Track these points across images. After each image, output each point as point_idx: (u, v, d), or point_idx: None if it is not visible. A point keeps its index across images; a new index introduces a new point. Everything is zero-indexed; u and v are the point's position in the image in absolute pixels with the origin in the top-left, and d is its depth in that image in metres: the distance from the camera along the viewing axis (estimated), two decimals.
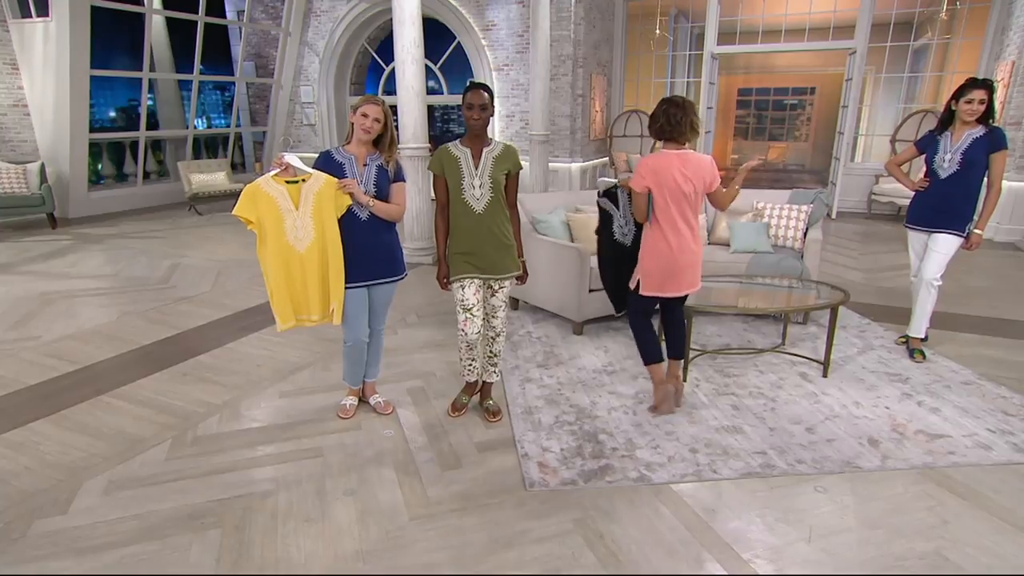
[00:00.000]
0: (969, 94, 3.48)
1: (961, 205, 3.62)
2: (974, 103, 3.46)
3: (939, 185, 3.66)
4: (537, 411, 3.25)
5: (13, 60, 8.35)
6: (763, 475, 2.68)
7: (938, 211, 3.69)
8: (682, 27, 11.19)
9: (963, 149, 3.54)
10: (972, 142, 3.52)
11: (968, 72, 8.58)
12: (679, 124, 2.86)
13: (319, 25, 10.92)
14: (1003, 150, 3.50)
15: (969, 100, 3.48)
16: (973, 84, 3.50)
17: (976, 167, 3.53)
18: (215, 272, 5.96)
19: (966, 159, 3.53)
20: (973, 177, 3.57)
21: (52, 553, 2.21)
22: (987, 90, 3.47)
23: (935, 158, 3.66)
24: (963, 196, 3.61)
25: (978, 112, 3.47)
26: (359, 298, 3.01)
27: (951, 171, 3.59)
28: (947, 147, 3.61)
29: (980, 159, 3.51)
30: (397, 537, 2.30)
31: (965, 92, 3.50)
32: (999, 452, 2.81)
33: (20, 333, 4.37)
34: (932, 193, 3.71)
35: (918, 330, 3.87)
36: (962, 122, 3.55)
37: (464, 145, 2.89)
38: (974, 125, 3.54)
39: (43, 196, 7.90)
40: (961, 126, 3.57)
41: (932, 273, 3.73)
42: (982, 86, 3.47)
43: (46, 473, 2.69)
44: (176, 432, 3.04)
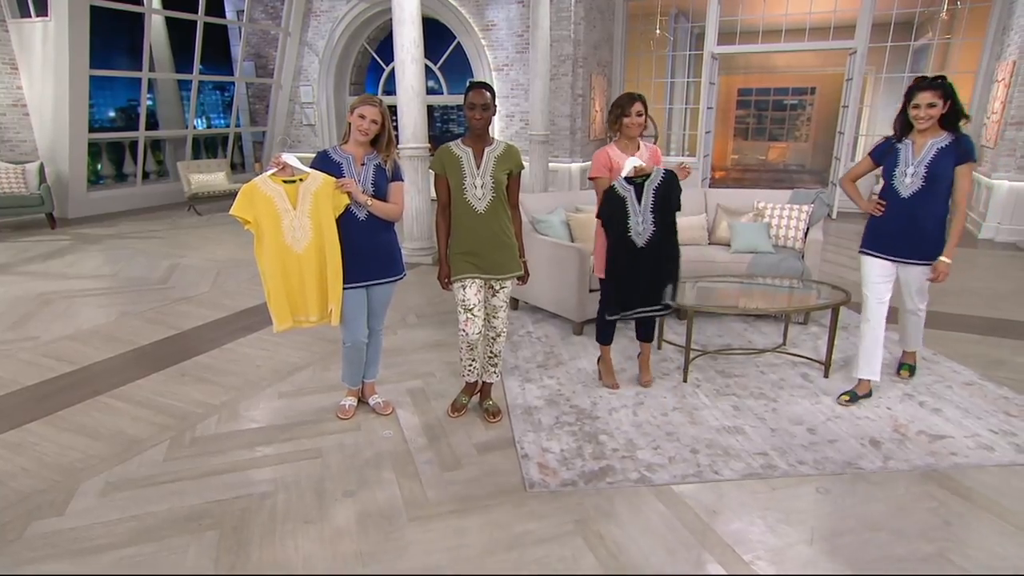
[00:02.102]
0: (915, 98, 2.88)
1: (933, 229, 3.04)
2: (921, 108, 2.86)
3: (902, 206, 3.03)
4: (537, 412, 3.23)
5: (12, 60, 8.33)
6: (764, 476, 2.66)
7: (906, 237, 3.08)
8: (682, 27, 11.19)
9: (927, 161, 2.93)
10: (937, 153, 2.92)
11: (969, 72, 8.59)
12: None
13: (319, 25, 10.91)
14: (969, 162, 2.93)
15: (916, 105, 2.88)
16: (919, 85, 2.88)
17: (943, 182, 2.95)
18: (214, 272, 5.95)
19: (931, 173, 2.93)
20: (941, 194, 2.98)
21: (49, 555, 2.20)
22: (938, 91, 2.84)
23: (895, 172, 3.03)
24: (933, 217, 3.02)
25: (929, 118, 2.86)
26: (357, 298, 2.99)
27: (914, 188, 2.97)
28: (908, 159, 2.98)
29: (947, 173, 2.93)
30: (396, 538, 2.29)
31: (911, 95, 2.91)
32: (1001, 453, 2.80)
33: (18, 333, 4.35)
34: (895, 215, 3.08)
35: (916, 344, 3.52)
36: (918, 130, 2.95)
37: (466, 144, 2.88)
38: (937, 132, 2.93)
39: (42, 196, 7.89)
40: (919, 134, 2.96)
41: (916, 303, 3.32)
42: (930, 87, 2.85)
43: (43, 474, 2.67)
44: (174, 433, 3.02)
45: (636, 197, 3.11)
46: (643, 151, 3.28)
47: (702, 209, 5.11)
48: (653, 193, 3.10)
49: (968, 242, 7.26)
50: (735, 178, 14.73)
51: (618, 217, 3.14)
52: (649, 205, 3.11)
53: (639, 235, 3.14)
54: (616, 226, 3.16)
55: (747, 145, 17.13)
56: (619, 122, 3.18)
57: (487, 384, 3.23)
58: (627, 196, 3.12)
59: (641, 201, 3.11)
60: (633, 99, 3.16)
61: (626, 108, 3.15)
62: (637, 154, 3.26)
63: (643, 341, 3.53)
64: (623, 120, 3.16)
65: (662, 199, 3.11)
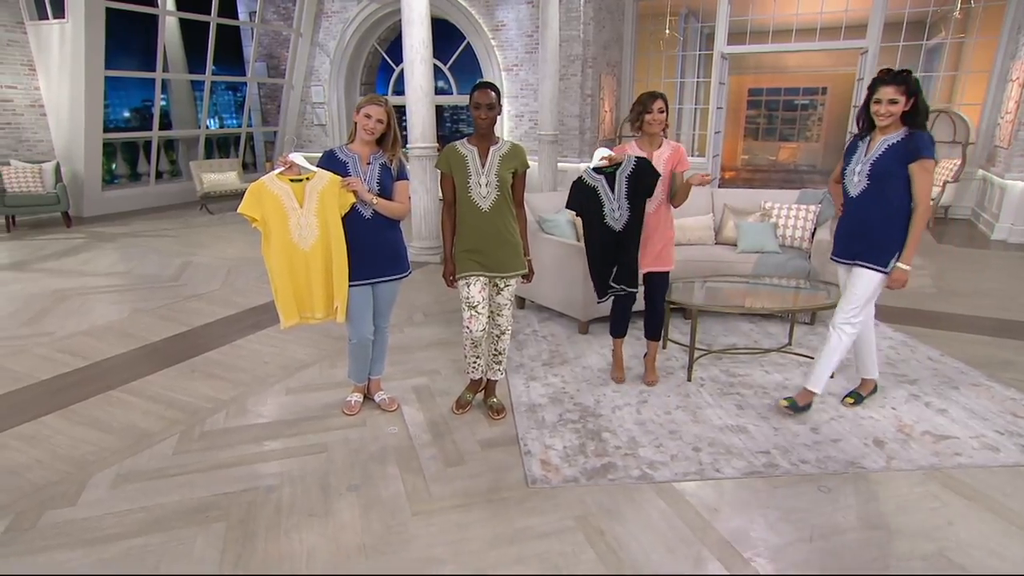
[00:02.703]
0: (877, 92, 2.72)
1: (879, 232, 2.83)
2: (883, 104, 2.69)
3: (851, 206, 2.92)
4: (541, 409, 3.25)
5: (30, 61, 8.48)
6: (766, 474, 2.67)
7: (853, 238, 2.93)
8: (692, 27, 11.15)
9: (874, 158, 2.77)
10: (887, 149, 2.75)
11: (983, 71, 8.49)
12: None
13: (330, 26, 11.00)
14: (923, 159, 2.69)
15: (877, 100, 2.71)
16: (882, 79, 2.72)
17: (891, 181, 2.75)
18: (225, 270, 6.03)
19: (875, 172, 2.77)
20: (889, 195, 2.77)
21: (61, 543, 2.25)
22: (902, 86, 2.67)
23: (846, 170, 2.92)
24: (880, 219, 2.82)
25: (890, 114, 2.70)
26: (363, 296, 3.03)
27: (861, 187, 2.83)
28: (860, 156, 2.84)
29: (894, 171, 2.73)
30: (399, 532, 2.32)
31: (874, 89, 2.74)
32: (1007, 454, 2.79)
33: (34, 329, 4.44)
34: (846, 216, 2.97)
35: (816, 383, 3.10)
36: (880, 127, 2.78)
37: (471, 144, 2.91)
38: (896, 127, 2.76)
39: (58, 195, 8.02)
40: (880, 131, 2.80)
41: (842, 316, 2.98)
42: (893, 81, 2.68)
43: (56, 466, 2.74)
44: (184, 427, 3.08)
45: (608, 185, 3.20)
46: (665, 148, 3.27)
47: (709, 209, 5.11)
48: (626, 180, 3.17)
49: (981, 243, 7.20)
50: (745, 178, 14.66)
51: (592, 206, 3.24)
52: (623, 192, 3.18)
53: (616, 220, 3.22)
54: (592, 215, 3.25)
55: (757, 145, 17.03)
56: (640, 119, 3.20)
57: (491, 382, 3.26)
58: (597, 185, 3.21)
59: (614, 189, 3.19)
60: (655, 97, 3.18)
61: (648, 105, 3.17)
62: (657, 152, 3.25)
63: (650, 339, 3.55)
64: (645, 117, 3.18)
65: (635, 185, 3.17)
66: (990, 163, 8.08)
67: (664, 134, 3.29)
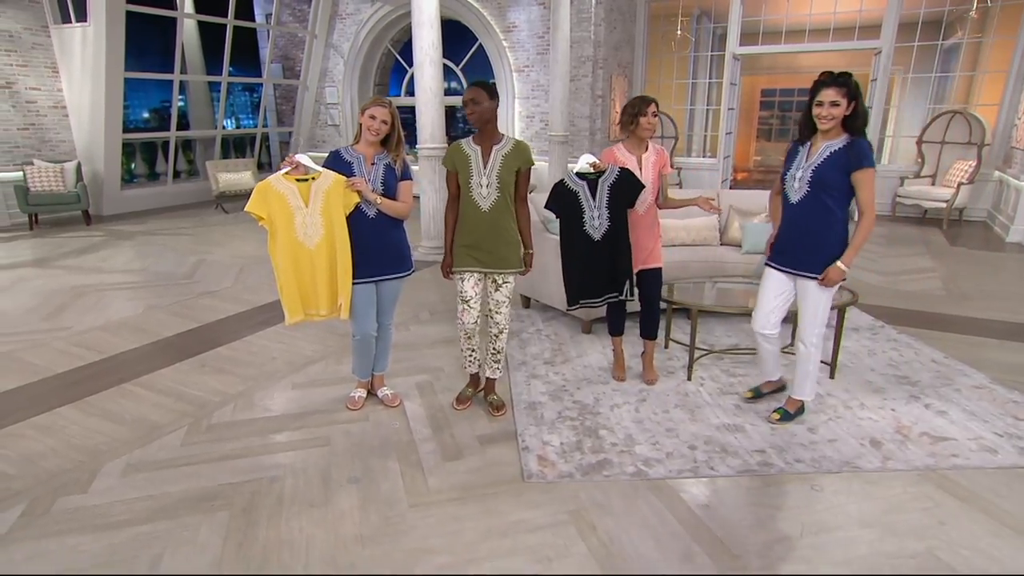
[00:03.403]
0: (819, 94, 2.63)
1: (822, 240, 2.75)
2: (824, 106, 2.61)
3: (791, 212, 2.82)
4: (540, 406, 3.30)
5: (53, 64, 8.69)
6: (760, 473, 2.69)
7: (796, 248, 2.83)
8: (704, 28, 11.12)
9: (815, 165, 2.69)
10: (828, 156, 2.67)
11: (1001, 71, 8.39)
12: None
13: (344, 27, 11.14)
14: (865, 168, 2.61)
15: (819, 102, 2.63)
16: (824, 81, 2.64)
17: (832, 190, 2.68)
18: (238, 268, 6.16)
19: (816, 179, 2.68)
20: (831, 203, 2.70)
21: (73, 528, 2.34)
22: (843, 89, 2.59)
23: (787, 176, 2.83)
24: (821, 227, 2.74)
25: (832, 118, 2.61)
26: (367, 293, 3.10)
27: (801, 194, 2.74)
28: (801, 161, 2.76)
29: (836, 180, 2.66)
30: (396, 523, 2.38)
31: (815, 91, 2.66)
32: (1005, 456, 2.78)
33: (52, 324, 4.58)
34: (787, 223, 2.87)
35: (803, 392, 3.05)
36: (821, 131, 2.69)
37: (476, 143, 2.98)
38: (837, 133, 2.67)
39: (78, 194, 8.22)
40: (821, 135, 2.71)
41: (809, 333, 2.92)
42: (834, 84, 2.60)
43: (70, 455, 2.84)
44: (192, 419, 3.17)
45: (590, 192, 3.21)
46: (651, 152, 3.35)
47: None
48: (608, 189, 3.19)
49: (996, 246, 7.11)
50: (757, 179, 14.57)
51: (572, 211, 3.25)
52: (604, 200, 3.20)
53: (595, 229, 3.24)
54: (571, 220, 3.26)
55: (770, 146, 16.89)
56: (635, 122, 3.24)
57: (490, 380, 3.32)
58: (579, 191, 3.23)
59: (595, 196, 3.21)
60: (647, 101, 3.23)
61: (642, 108, 3.21)
62: (645, 155, 3.33)
63: (645, 338, 3.58)
64: (639, 120, 3.22)
65: (616, 195, 3.19)
66: (1006, 164, 7.97)
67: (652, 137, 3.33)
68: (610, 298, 3.35)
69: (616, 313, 3.50)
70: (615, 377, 3.61)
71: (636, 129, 3.26)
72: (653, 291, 3.46)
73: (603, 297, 3.36)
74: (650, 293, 3.46)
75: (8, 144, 8.30)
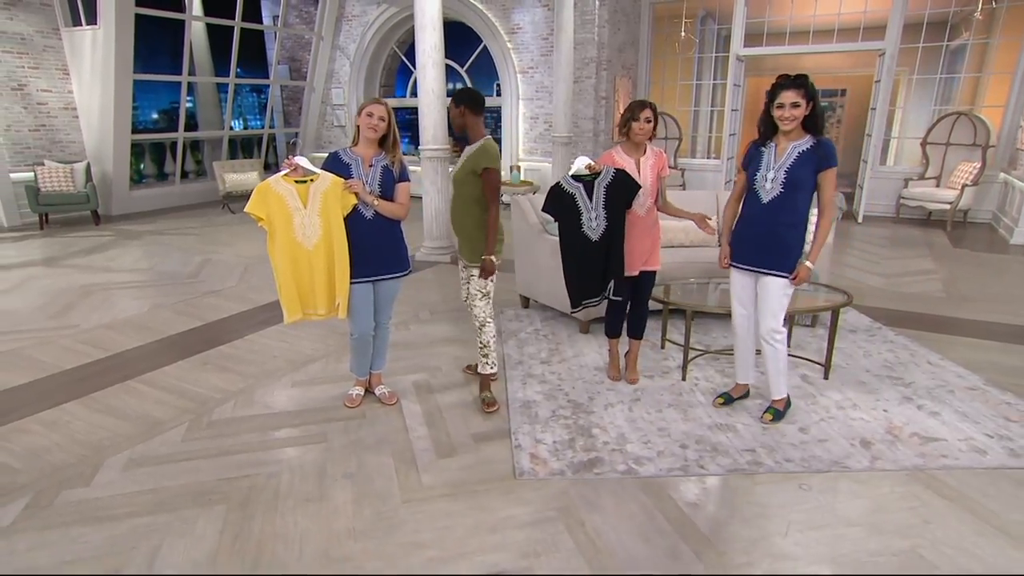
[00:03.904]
0: (779, 97, 2.74)
1: (790, 238, 2.88)
2: (785, 108, 2.71)
3: (762, 211, 2.89)
4: (535, 405, 3.35)
5: (64, 66, 8.83)
6: (749, 472, 2.72)
7: (763, 246, 2.92)
8: (709, 29, 11.12)
9: (787, 166, 2.79)
10: (797, 157, 2.78)
11: (1007, 73, 8.34)
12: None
13: (350, 29, 11.23)
14: (831, 168, 2.76)
15: (780, 104, 2.73)
16: (783, 84, 2.73)
17: (803, 189, 2.80)
18: (242, 268, 6.24)
19: (790, 179, 2.78)
20: (800, 202, 2.83)
21: (75, 520, 2.41)
22: (802, 90, 2.69)
23: (756, 176, 2.90)
24: (787, 225, 2.86)
25: (793, 118, 2.72)
26: (364, 293, 3.16)
27: (774, 193, 2.83)
28: (770, 162, 2.84)
29: (807, 179, 2.78)
30: (388, 518, 2.43)
31: (775, 94, 2.76)
32: (993, 456, 2.80)
33: (60, 322, 4.67)
34: (755, 221, 2.93)
35: (778, 391, 3.12)
36: (782, 132, 2.81)
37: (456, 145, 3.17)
38: (800, 134, 2.79)
39: (88, 194, 8.34)
40: (784, 136, 2.82)
41: (768, 326, 2.97)
42: (793, 85, 2.70)
43: (74, 449, 2.91)
44: (193, 416, 3.24)
45: (587, 194, 3.26)
46: (649, 155, 3.37)
47: (714, 211, 5.13)
48: (604, 190, 3.23)
49: (999, 248, 7.08)
50: None
51: (570, 213, 3.30)
52: (601, 202, 3.25)
53: (593, 230, 3.27)
54: (569, 222, 3.31)
55: None
56: (628, 126, 3.28)
57: (483, 376, 3.37)
58: (575, 193, 3.28)
59: (592, 198, 3.25)
60: (644, 105, 3.26)
61: (636, 113, 3.24)
62: (643, 158, 3.36)
63: (632, 338, 3.62)
64: (632, 125, 3.26)
65: (613, 196, 3.23)
66: (1011, 166, 7.94)
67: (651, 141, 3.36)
68: (604, 297, 3.39)
69: (615, 314, 3.54)
70: (610, 376, 3.65)
71: (630, 133, 3.29)
72: (645, 293, 3.49)
73: (600, 297, 3.40)
74: (642, 295, 3.49)
75: (20, 145, 8.44)
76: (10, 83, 8.28)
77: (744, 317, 3.15)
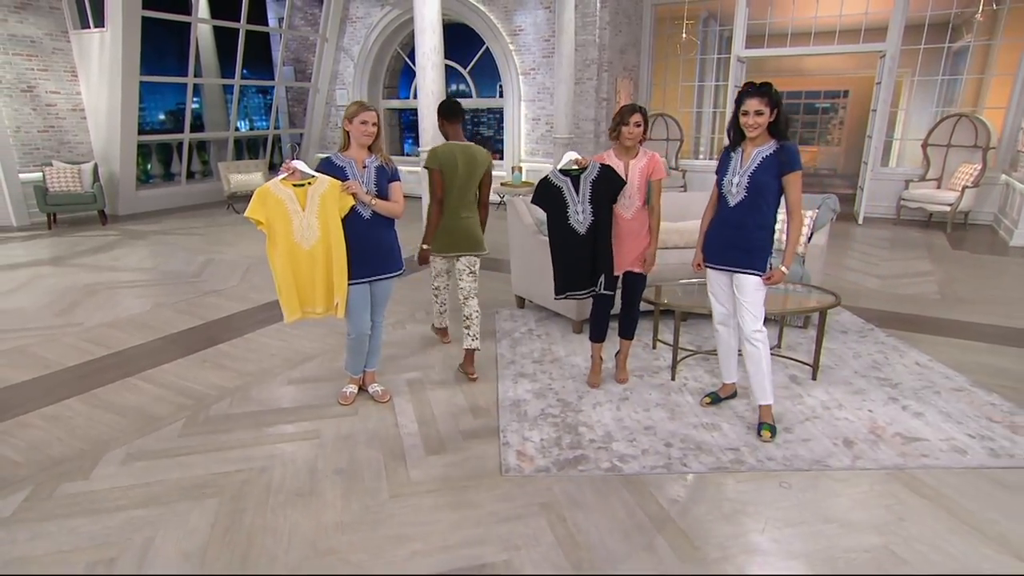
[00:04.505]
0: (744, 104, 2.82)
1: (758, 238, 2.95)
2: (750, 115, 2.79)
3: (729, 214, 2.99)
4: (524, 403, 3.41)
5: (73, 68, 8.96)
6: (731, 470, 2.77)
7: (732, 246, 3.00)
8: (712, 30, 11.14)
9: (750, 171, 2.88)
10: (761, 162, 2.86)
11: (1008, 74, 8.33)
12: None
13: (354, 31, 11.32)
14: (796, 171, 2.83)
15: (745, 112, 2.81)
16: (747, 92, 2.82)
17: (767, 193, 2.88)
18: (244, 267, 6.33)
19: (753, 183, 2.87)
20: (765, 204, 2.91)
21: (73, 512, 2.49)
22: (765, 98, 2.78)
23: (723, 181, 3.00)
24: (755, 227, 2.94)
25: (757, 125, 2.80)
26: (362, 293, 3.23)
27: (740, 197, 2.92)
28: (736, 167, 2.94)
29: (770, 183, 2.86)
30: (376, 512, 2.50)
31: (740, 102, 2.85)
32: (973, 456, 2.84)
33: (65, 320, 4.77)
34: (724, 224, 3.04)
35: (764, 395, 3.09)
36: (749, 138, 2.89)
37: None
38: (765, 140, 2.87)
39: (95, 194, 8.47)
40: (750, 142, 2.91)
41: (749, 326, 3.00)
42: (757, 93, 2.79)
43: (74, 444, 3.00)
44: (190, 412, 3.32)
45: (573, 188, 3.33)
46: (641, 158, 3.40)
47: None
48: (590, 185, 3.30)
49: (999, 250, 7.08)
50: None
51: (557, 206, 3.37)
52: (587, 196, 3.31)
53: (580, 223, 3.34)
54: (557, 215, 3.38)
55: None
56: (618, 130, 3.34)
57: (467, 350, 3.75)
58: (562, 186, 3.36)
59: (579, 192, 3.32)
60: (633, 110, 3.31)
61: (626, 118, 3.29)
62: (633, 161, 3.39)
63: (622, 338, 3.66)
64: (622, 129, 3.31)
65: (598, 190, 3.30)
66: (1013, 168, 7.92)
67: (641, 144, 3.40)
68: (591, 291, 3.44)
69: (599, 316, 3.56)
70: (590, 383, 3.62)
71: (620, 137, 3.34)
72: (635, 294, 3.53)
73: (586, 290, 3.46)
74: (632, 296, 3.53)
75: (29, 146, 8.58)
76: (20, 85, 8.42)
77: (723, 314, 3.20)
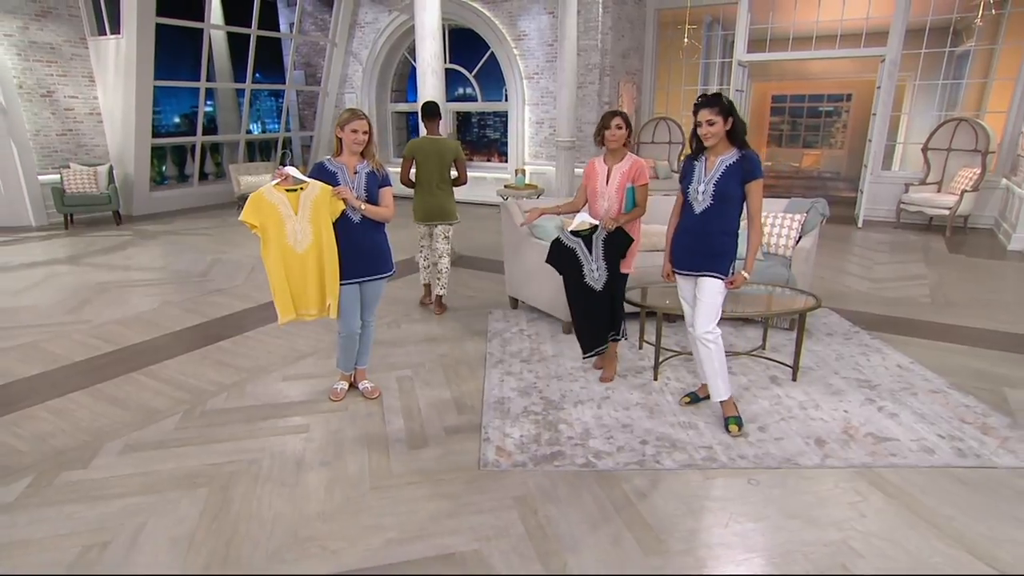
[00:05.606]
0: (696, 115, 2.92)
1: (722, 243, 3.05)
2: (703, 125, 2.90)
3: (694, 221, 3.08)
4: (508, 401, 3.51)
5: (90, 73, 9.23)
6: (702, 467, 2.86)
7: (697, 252, 3.10)
8: (716, 34, 11.19)
9: (715, 179, 2.97)
10: (724, 170, 2.95)
11: (1010, 79, 8.30)
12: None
13: (363, 36, 11.51)
14: (758, 179, 2.93)
15: (698, 123, 2.92)
16: (699, 103, 2.92)
17: (731, 200, 2.98)
18: (250, 267, 6.51)
19: (718, 191, 2.96)
20: (729, 212, 3.00)
21: (71, 499, 2.64)
22: (715, 108, 2.86)
23: (688, 189, 3.07)
24: (719, 232, 3.04)
25: (713, 134, 2.90)
26: (352, 294, 3.36)
27: (705, 205, 3.01)
28: (701, 176, 3.02)
29: (734, 190, 2.96)
30: (356, 502, 2.62)
31: (695, 113, 2.94)
32: (940, 456, 2.90)
33: (75, 317, 4.96)
34: (689, 230, 3.12)
35: (717, 393, 3.18)
36: (709, 147, 2.98)
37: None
38: (727, 148, 2.96)
39: (109, 195, 8.72)
40: (712, 151, 3.00)
41: (702, 327, 3.11)
42: (707, 105, 2.88)
43: (76, 435, 3.16)
44: (188, 406, 3.47)
45: (587, 247, 3.50)
46: (625, 162, 3.52)
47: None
48: (602, 244, 3.47)
49: (997, 254, 7.07)
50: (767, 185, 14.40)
51: (573, 267, 3.54)
52: (600, 254, 3.48)
53: (596, 281, 3.51)
54: (573, 275, 3.55)
55: (781, 152, 16.85)
56: (601, 135, 3.46)
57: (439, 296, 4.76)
58: (575, 247, 3.52)
59: (592, 251, 3.50)
60: (614, 115, 3.44)
61: (607, 122, 3.43)
62: (618, 165, 3.51)
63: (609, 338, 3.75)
64: (604, 133, 3.44)
65: (609, 248, 3.47)
66: (1013, 172, 7.89)
67: (627, 147, 3.51)
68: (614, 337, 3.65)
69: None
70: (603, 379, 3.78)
71: (604, 141, 3.46)
72: (618, 293, 3.61)
73: (609, 339, 3.64)
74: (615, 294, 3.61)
75: (48, 149, 8.85)
76: (40, 90, 8.70)
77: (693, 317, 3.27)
